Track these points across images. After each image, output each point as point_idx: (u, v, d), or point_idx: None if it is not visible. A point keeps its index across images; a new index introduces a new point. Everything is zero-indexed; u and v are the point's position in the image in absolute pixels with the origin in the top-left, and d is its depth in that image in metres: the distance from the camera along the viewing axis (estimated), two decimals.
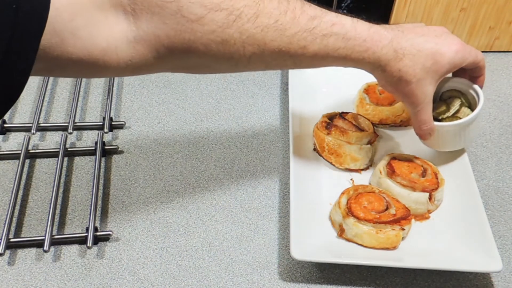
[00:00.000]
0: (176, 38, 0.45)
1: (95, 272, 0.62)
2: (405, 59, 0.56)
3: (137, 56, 0.46)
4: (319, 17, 0.51)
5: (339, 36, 0.52)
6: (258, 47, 0.48)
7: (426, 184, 0.65)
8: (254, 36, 0.47)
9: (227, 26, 0.46)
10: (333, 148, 0.69)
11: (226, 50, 0.47)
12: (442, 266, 0.60)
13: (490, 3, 0.87)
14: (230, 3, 0.45)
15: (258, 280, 0.62)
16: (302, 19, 0.50)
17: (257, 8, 0.47)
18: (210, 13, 0.44)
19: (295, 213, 0.62)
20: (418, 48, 0.57)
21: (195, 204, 0.69)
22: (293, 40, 0.50)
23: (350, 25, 0.53)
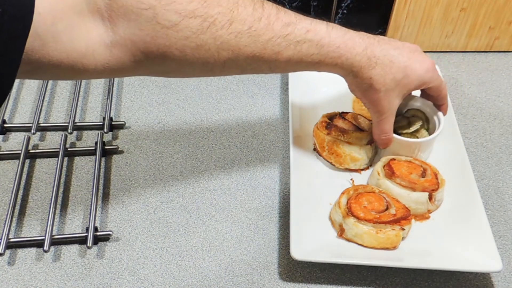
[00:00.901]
0: (151, 44, 0.46)
1: (95, 272, 0.62)
2: (377, 67, 0.58)
3: (114, 60, 0.47)
4: (293, 23, 0.52)
5: (312, 43, 0.53)
6: (233, 52, 0.50)
7: (426, 184, 0.65)
8: (228, 42, 0.49)
9: (201, 32, 0.47)
10: (333, 148, 0.69)
11: (201, 55, 0.49)
12: (442, 266, 0.60)
13: (490, 3, 0.87)
14: (204, 10, 0.47)
15: (258, 280, 0.62)
16: (277, 25, 0.51)
17: (231, 15, 0.48)
18: (185, 20, 0.46)
19: (295, 213, 0.62)
20: (391, 59, 0.59)
21: (195, 204, 0.69)
22: (267, 46, 0.51)
23: (325, 32, 0.54)
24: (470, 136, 0.80)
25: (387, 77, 0.59)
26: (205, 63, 0.50)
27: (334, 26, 0.56)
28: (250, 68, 0.53)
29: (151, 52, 0.47)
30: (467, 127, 0.81)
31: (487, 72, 0.91)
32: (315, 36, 0.54)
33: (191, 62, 0.49)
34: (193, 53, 0.48)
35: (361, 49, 0.57)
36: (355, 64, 0.57)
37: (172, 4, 0.45)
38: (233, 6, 0.49)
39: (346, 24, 0.92)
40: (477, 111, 0.84)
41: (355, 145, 0.69)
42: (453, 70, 0.91)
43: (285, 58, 0.53)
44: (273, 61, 0.53)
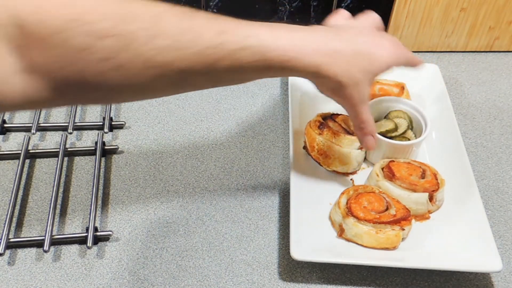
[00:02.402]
0: (68, 69, 0.43)
1: (95, 272, 0.62)
2: (340, 61, 0.54)
3: (31, 90, 0.44)
4: (229, 30, 0.48)
5: (254, 49, 0.49)
6: (160, 69, 0.45)
7: (426, 185, 0.65)
8: (152, 59, 0.44)
9: (120, 52, 0.43)
10: (323, 149, 0.69)
11: (125, 76, 0.44)
12: (442, 266, 0.60)
13: (490, 3, 0.87)
14: (122, 27, 0.42)
15: (258, 280, 0.62)
16: (208, 35, 0.47)
17: (153, 29, 0.44)
18: (100, 40, 0.42)
19: (295, 213, 0.62)
20: (353, 48, 0.55)
21: (195, 204, 0.69)
22: (198, 59, 0.46)
23: (268, 34, 0.50)
24: (470, 136, 0.80)
25: (353, 69, 0.54)
26: (131, 85, 0.45)
27: (281, 27, 0.52)
28: (187, 84, 0.50)
29: (69, 78, 0.43)
30: (467, 127, 0.81)
31: (487, 72, 0.91)
32: (257, 41, 0.49)
33: (115, 84, 0.45)
34: (115, 75, 0.44)
35: (315, 46, 0.52)
36: (310, 64, 0.52)
37: (85, 26, 0.41)
38: (156, 19, 0.44)
39: None
40: (477, 111, 0.84)
41: (346, 149, 0.69)
42: (453, 70, 0.91)
43: (223, 69, 0.48)
44: (209, 73, 0.48)
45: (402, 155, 0.70)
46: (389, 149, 0.69)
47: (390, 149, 0.69)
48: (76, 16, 0.41)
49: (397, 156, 0.70)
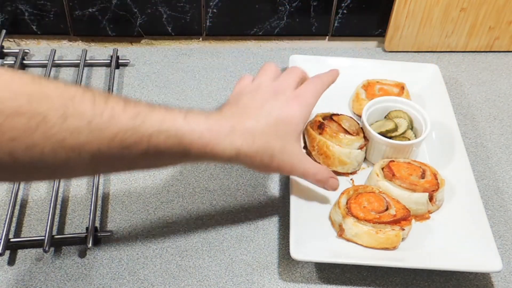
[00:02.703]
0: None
1: (95, 272, 0.62)
2: (257, 138, 0.54)
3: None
4: (143, 114, 0.47)
5: (170, 133, 0.48)
6: (72, 151, 0.44)
7: (426, 185, 0.65)
8: (64, 140, 0.43)
9: (30, 132, 0.41)
10: (323, 149, 0.69)
11: (35, 157, 0.42)
12: (442, 266, 0.60)
13: (490, 3, 0.87)
14: (31, 107, 0.41)
15: (258, 280, 0.62)
16: (123, 118, 0.46)
17: (64, 110, 0.42)
18: (9, 119, 0.40)
19: (295, 213, 0.62)
20: (265, 121, 0.55)
21: (195, 204, 0.69)
22: (114, 141, 0.45)
23: (182, 119, 0.50)
24: (470, 136, 0.80)
25: (272, 141, 0.55)
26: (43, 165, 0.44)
27: (195, 113, 0.51)
28: (103, 167, 0.48)
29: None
30: (467, 127, 0.81)
31: (487, 72, 0.91)
32: (173, 126, 0.48)
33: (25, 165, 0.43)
34: (24, 155, 0.42)
35: (229, 129, 0.52)
36: (228, 147, 0.52)
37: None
38: (67, 101, 0.43)
39: (346, 24, 0.92)
40: (477, 111, 0.84)
41: (346, 149, 0.69)
42: (453, 70, 0.91)
43: (139, 152, 0.47)
44: (125, 157, 0.47)
45: (402, 155, 0.70)
46: (389, 149, 0.69)
47: (390, 149, 0.69)
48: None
49: (397, 156, 0.70)
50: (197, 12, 0.89)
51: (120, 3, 0.87)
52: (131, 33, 0.91)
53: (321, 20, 0.92)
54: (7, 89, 0.41)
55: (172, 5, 0.88)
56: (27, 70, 0.87)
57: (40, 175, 0.47)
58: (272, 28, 0.92)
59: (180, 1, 0.87)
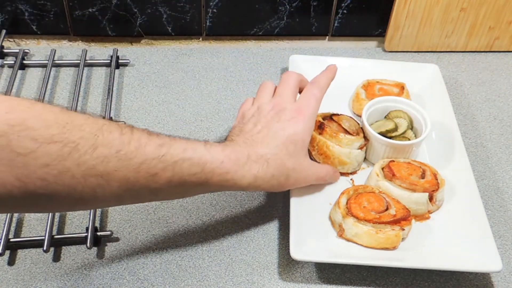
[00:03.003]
0: (8, 173, 0.42)
1: (95, 272, 0.62)
2: (271, 162, 0.57)
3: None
4: (167, 144, 0.50)
5: (193, 161, 0.51)
6: (102, 178, 0.46)
7: (426, 185, 0.65)
8: (94, 167, 0.45)
9: (62, 159, 0.43)
10: (323, 149, 0.69)
11: (66, 183, 0.45)
12: (442, 266, 0.60)
13: (490, 3, 0.87)
14: (64, 136, 0.43)
15: (258, 280, 0.62)
16: (149, 147, 0.49)
17: (95, 139, 0.45)
18: (42, 146, 0.42)
19: (295, 213, 0.62)
20: (274, 145, 0.58)
21: (195, 204, 0.69)
22: (141, 169, 0.48)
23: (203, 149, 0.53)
24: (470, 136, 0.80)
25: (284, 160, 0.58)
26: (72, 192, 0.46)
27: (213, 143, 0.55)
28: (128, 196, 0.50)
29: (9, 183, 0.42)
30: (467, 127, 0.81)
31: (487, 72, 0.91)
32: (194, 154, 0.52)
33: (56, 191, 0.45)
34: (56, 181, 0.44)
35: (246, 158, 0.56)
36: (247, 175, 0.55)
37: (27, 130, 0.42)
38: (97, 131, 0.46)
39: (346, 24, 0.92)
40: (477, 111, 0.84)
41: (346, 149, 0.69)
42: (453, 70, 0.91)
43: (164, 181, 0.50)
44: (151, 184, 0.49)
45: (402, 155, 0.70)
46: (389, 149, 0.69)
47: (390, 149, 0.69)
48: (19, 121, 0.42)
49: (397, 156, 0.70)
50: (197, 12, 0.89)
51: (120, 3, 0.87)
52: (131, 33, 0.91)
53: (321, 20, 0.92)
54: (41, 119, 0.43)
55: (172, 5, 0.88)
56: (27, 70, 0.87)
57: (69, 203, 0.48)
58: (272, 28, 0.92)
59: (180, 1, 0.87)
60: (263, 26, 0.92)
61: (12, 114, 0.42)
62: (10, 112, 0.42)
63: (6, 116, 0.42)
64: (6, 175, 0.42)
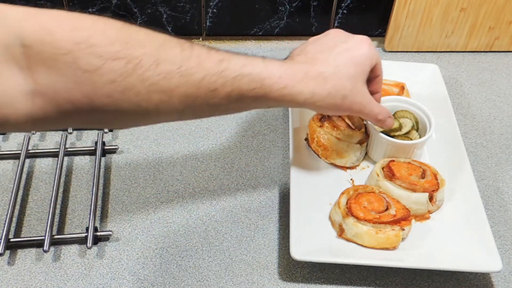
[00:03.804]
0: (76, 90, 0.44)
1: (95, 272, 0.62)
2: (329, 80, 0.56)
3: (37, 110, 0.44)
4: (227, 59, 0.50)
5: (252, 76, 0.51)
6: (165, 94, 0.47)
7: (426, 185, 0.65)
8: (157, 83, 0.46)
9: (127, 75, 0.44)
10: (321, 141, 0.70)
11: (131, 99, 0.46)
12: (442, 266, 0.60)
13: (490, 3, 0.87)
14: (128, 52, 0.44)
15: (258, 280, 0.62)
16: (209, 63, 0.49)
17: (158, 55, 0.46)
18: (107, 63, 0.43)
19: (295, 213, 0.63)
20: (335, 64, 0.57)
21: (195, 204, 0.69)
22: (202, 84, 0.48)
23: (262, 64, 0.53)
24: (470, 136, 0.80)
25: (343, 81, 0.57)
26: (137, 108, 0.47)
27: (271, 59, 0.54)
28: (189, 111, 0.51)
29: (76, 100, 0.44)
30: (467, 127, 0.81)
31: (487, 72, 0.91)
32: (253, 70, 0.52)
33: (121, 108, 0.46)
34: (122, 97, 0.45)
35: (303, 74, 0.55)
36: (304, 90, 0.55)
37: (92, 48, 0.43)
38: (159, 47, 0.46)
39: (346, 24, 0.92)
40: (477, 111, 0.84)
41: (344, 142, 0.70)
42: (453, 70, 0.91)
43: (223, 96, 0.50)
44: (210, 99, 0.50)
45: (403, 154, 0.70)
46: (390, 147, 0.69)
47: (392, 148, 0.69)
48: (84, 38, 0.43)
49: (398, 155, 0.70)
50: (197, 12, 0.89)
51: (120, 3, 0.87)
52: None
53: (321, 20, 0.92)
54: (105, 35, 0.44)
55: (172, 5, 0.88)
56: None
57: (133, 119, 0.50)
58: (272, 28, 0.92)
59: (180, 1, 0.87)
60: (263, 26, 0.92)
61: (77, 31, 0.43)
62: (75, 30, 0.43)
63: (70, 34, 0.42)
64: (74, 93, 0.44)
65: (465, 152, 0.70)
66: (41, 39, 0.42)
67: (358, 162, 0.72)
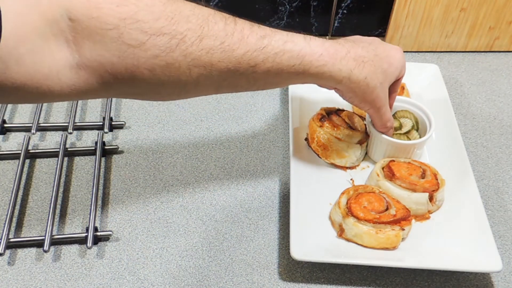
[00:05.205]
0: (119, 64, 0.45)
1: (95, 272, 0.62)
2: (367, 65, 0.58)
3: (81, 82, 0.46)
4: (269, 36, 0.51)
5: (293, 53, 0.52)
6: (205, 68, 0.48)
7: (426, 185, 0.65)
8: (199, 59, 0.47)
9: (170, 50, 0.46)
10: (321, 141, 0.70)
11: (172, 73, 0.47)
12: (442, 266, 0.60)
13: (490, 3, 0.87)
14: (172, 28, 0.45)
15: (258, 280, 0.62)
16: (251, 38, 0.50)
17: (201, 31, 0.47)
18: (152, 38, 0.44)
19: (295, 213, 0.63)
20: (374, 53, 0.59)
21: (195, 204, 0.69)
22: (243, 60, 0.50)
23: (303, 42, 0.54)
24: (470, 136, 0.80)
25: (377, 71, 0.59)
26: (177, 82, 0.48)
27: (312, 37, 0.55)
28: (226, 84, 0.52)
29: (119, 73, 0.46)
30: (467, 127, 0.81)
31: (487, 72, 0.91)
32: (295, 47, 0.53)
33: (162, 81, 0.48)
34: (163, 71, 0.47)
35: (344, 53, 0.56)
36: (343, 69, 0.56)
37: (138, 23, 0.44)
38: (203, 22, 0.47)
39: (346, 24, 0.92)
40: (477, 111, 0.84)
41: (344, 142, 0.70)
42: (453, 70, 0.91)
43: (262, 71, 0.52)
44: (250, 74, 0.51)
45: (403, 154, 0.70)
46: (390, 147, 0.69)
47: (392, 148, 0.69)
48: (130, 14, 0.44)
49: (398, 155, 0.70)
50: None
51: None
52: None
53: (321, 20, 0.92)
54: (150, 11, 0.44)
55: None
56: None
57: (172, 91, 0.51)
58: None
59: None
60: None
61: (123, 7, 0.44)
62: (121, 5, 0.44)
63: (117, 10, 0.43)
64: (117, 67, 0.45)
65: (465, 152, 0.70)
66: (88, 13, 0.43)
67: (358, 162, 0.72)
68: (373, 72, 0.58)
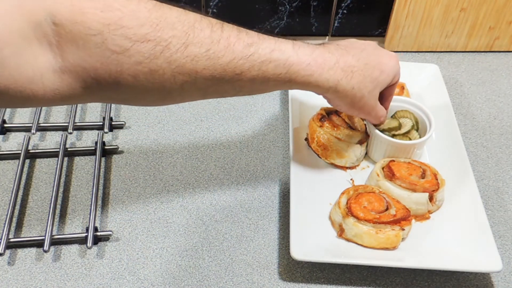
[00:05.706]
0: (102, 70, 0.45)
1: (95, 272, 0.62)
2: (356, 75, 0.57)
3: (64, 86, 0.46)
4: (256, 43, 0.51)
5: (279, 62, 0.52)
6: (189, 76, 0.48)
7: (426, 185, 0.65)
8: (184, 66, 0.47)
9: (154, 57, 0.45)
10: (321, 141, 0.70)
11: (156, 80, 0.47)
12: (442, 266, 0.60)
13: (490, 3, 0.87)
14: (157, 34, 0.45)
15: (258, 280, 0.62)
16: (238, 46, 0.49)
17: (187, 38, 0.46)
18: (136, 45, 0.44)
19: (295, 213, 0.63)
20: (364, 61, 0.58)
21: (195, 204, 0.69)
22: (228, 68, 0.49)
23: (291, 50, 0.53)
24: (470, 136, 0.80)
25: (367, 80, 0.58)
26: (161, 89, 0.48)
27: (301, 45, 0.55)
28: (212, 90, 0.52)
29: (102, 79, 0.45)
30: (467, 127, 0.81)
31: (487, 72, 0.91)
32: (282, 56, 0.52)
33: (146, 87, 0.47)
34: (147, 78, 0.46)
35: (333, 63, 0.56)
36: (330, 79, 0.55)
37: (122, 29, 0.43)
38: (189, 29, 0.47)
39: (346, 24, 0.92)
40: (477, 111, 0.84)
41: (344, 142, 0.70)
42: (453, 70, 0.91)
43: (248, 79, 0.51)
44: (235, 81, 0.51)
45: (403, 154, 0.70)
46: (390, 147, 0.69)
47: (392, 148, 0.69)
48: (114, 19, 0.43)
49: (398, 155, 0.70)
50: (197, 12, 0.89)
51: None
52: None
53: (321, 20, 0.92)
54: (135, 17, 0.44)
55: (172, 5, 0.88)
56: None
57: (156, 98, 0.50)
58: (272, 28, 0.92)
59: (180, 1, 0.87)
60: (263, 26, 0.92)
61: (108, 12, 0.43)
62: (106, 11, 0.43)
63: (101, 15, 0.43)
64: (101, 72, 0.45)
65: (465, 152, 0.70)
66: (72, 18, 0.43)
67: (358, 162, 0.72)
68: (361, 81, 0.58)
